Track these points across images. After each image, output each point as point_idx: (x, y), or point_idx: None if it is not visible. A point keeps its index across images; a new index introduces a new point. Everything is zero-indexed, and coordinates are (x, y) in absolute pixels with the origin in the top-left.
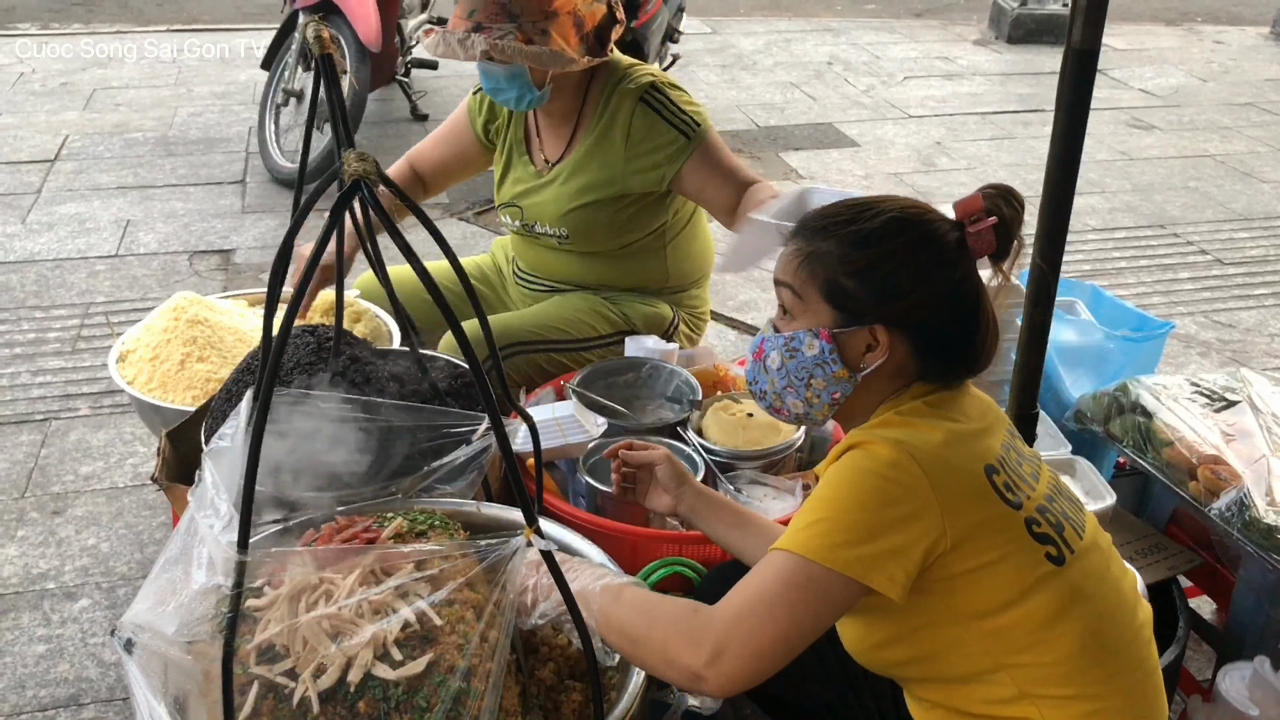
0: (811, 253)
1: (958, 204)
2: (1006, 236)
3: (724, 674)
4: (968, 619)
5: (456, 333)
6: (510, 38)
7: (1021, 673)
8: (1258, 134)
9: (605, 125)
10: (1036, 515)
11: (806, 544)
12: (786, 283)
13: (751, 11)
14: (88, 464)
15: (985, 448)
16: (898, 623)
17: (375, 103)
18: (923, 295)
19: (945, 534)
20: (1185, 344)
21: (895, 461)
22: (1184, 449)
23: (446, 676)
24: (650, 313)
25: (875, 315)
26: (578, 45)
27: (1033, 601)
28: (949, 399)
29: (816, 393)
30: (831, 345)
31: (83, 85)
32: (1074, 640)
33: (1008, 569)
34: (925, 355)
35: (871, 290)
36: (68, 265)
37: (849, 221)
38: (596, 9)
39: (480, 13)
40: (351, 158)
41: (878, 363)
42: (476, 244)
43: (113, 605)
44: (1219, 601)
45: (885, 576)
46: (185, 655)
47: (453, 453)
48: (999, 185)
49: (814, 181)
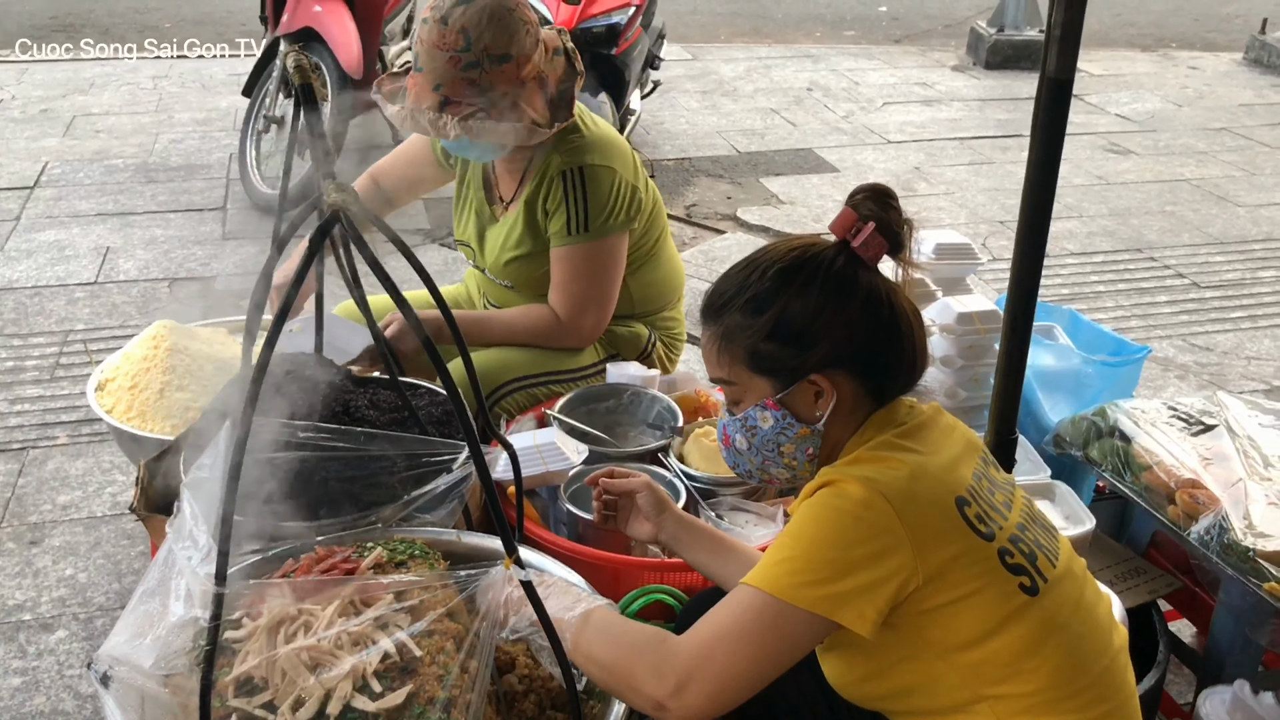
0: (723, 334)
1: (832, 224)
2: (891, 233)
3: (687, 705)
4: (944, 653)
5: (439, 368)
6: (481, 116)
7: (1000, 704)
8: (1232, 158)
9: (539, 178)
10: (1009, 545)
11: (775, 581)
12: (719, 376)
13: (732, 38)
14: (65, 493)
15: (956, 479)
16: (876, 658)
17: (356, 129)
18: (838, 329)
19: (917, 570)
20: (1163, 367)
21: (866, 500)
22: (1162, 473)
23: (426, 708)
24: (628, 333)
25: (806, 367)
26: (545, 112)
27: (1009, 633)
28: (917, 429)
29: (792, 457)
30: (781, 411)
31: (63, 112)
32: (1051, 669)
33: (982, 602)
34: (870, 379)
35: (791, 346)
36: (46, 293)
37: (741, 291)
38: (557, 63)
39: (446, 87)
40: (331, 188)
41: (830, 406)
42: (458, 271)
43: (90, 636)
44: (1199, 625)
45: (854, 613)
46: (162, 689)
47: (433, 481)
48: (863, 188)
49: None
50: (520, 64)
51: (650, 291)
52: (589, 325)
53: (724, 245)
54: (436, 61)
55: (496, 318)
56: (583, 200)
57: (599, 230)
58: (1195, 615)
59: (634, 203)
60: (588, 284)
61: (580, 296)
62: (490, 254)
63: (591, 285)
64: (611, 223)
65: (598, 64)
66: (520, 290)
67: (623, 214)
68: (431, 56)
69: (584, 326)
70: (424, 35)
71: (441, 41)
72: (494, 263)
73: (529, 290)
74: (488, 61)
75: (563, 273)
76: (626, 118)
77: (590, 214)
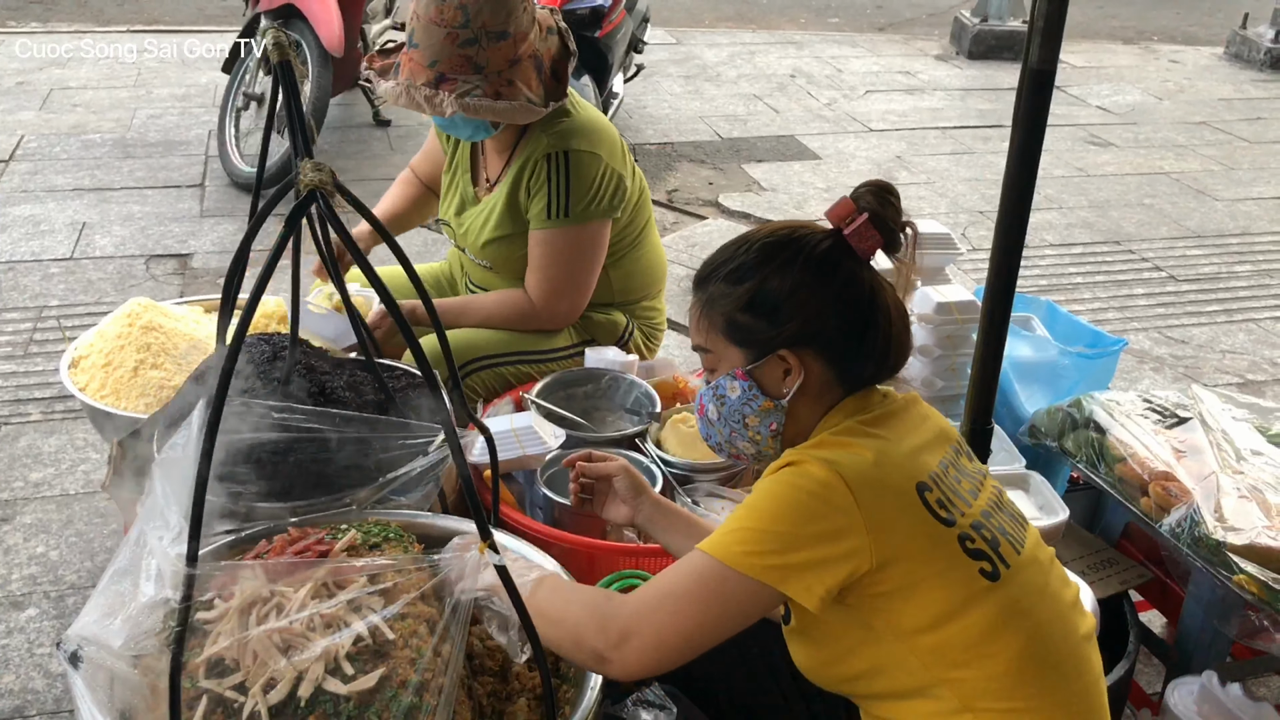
0: (705, 301)
1: (828, 211)
2: (887, 228)
3: (627, 659)
4: (904, 635)
5: (417, 354)
6: (478, 93)
7: (962, 686)
8: (1211, 152)
9: (524, 159)
10: (971, 532)
11: (726, 549)
12: (698, 343)
13: (716, 23)
14: (38, 470)
15: (919, 465)
16: (839, 641)
17: (337, 107)
18: (811, 309)
19: (871, 553)
20: (1139, 359)
21: (825, 481)
22: (1136, 465)
23: (399, 691)
24: (605, 320)
25: (777, 341)
26: (540, 90)
27: (969, 617)
28: (887, 417)
29: (756, 430)
30: (749, 383)
31: (40, 85)
32: (1013, 654)
33: (940, 586)
34: (839, 363)
35: (764, 319)
36: (21, 268)
37: (727, 261)
38: (551, 42)
39: (443, 63)
40: (308, 167)
41: (796, 384)
42: (439, 251)
43: (61, 615)
44: (1169, 616)
45: (802, 586)
46: (132, 669)
47: (409, 464)
48: (869, 181)
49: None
50: (517, 41)
51: (632, 282)
52: (563, 310)
53: (705, 231)
54: (433, 37)
55: (473, 306)
56: (565, 185)
57: (579, 216)
58: (1165, 606)
59: (618, 191)
60: (564, 269)
61: (556, 281)
62: (470, 235)
63: (568, 270)
64: (593, 209)
65: (581, 46)
66: (499, 272)
67: (605, 201)
68: (428, 32)
69: (558, 311)
70: (420, 11)
71: (439, 17)
72: (473, 243)
73: (508, 272)
74: (485, 38)
75: (540, 256)
76: (609, 101)
77: (572, 199)
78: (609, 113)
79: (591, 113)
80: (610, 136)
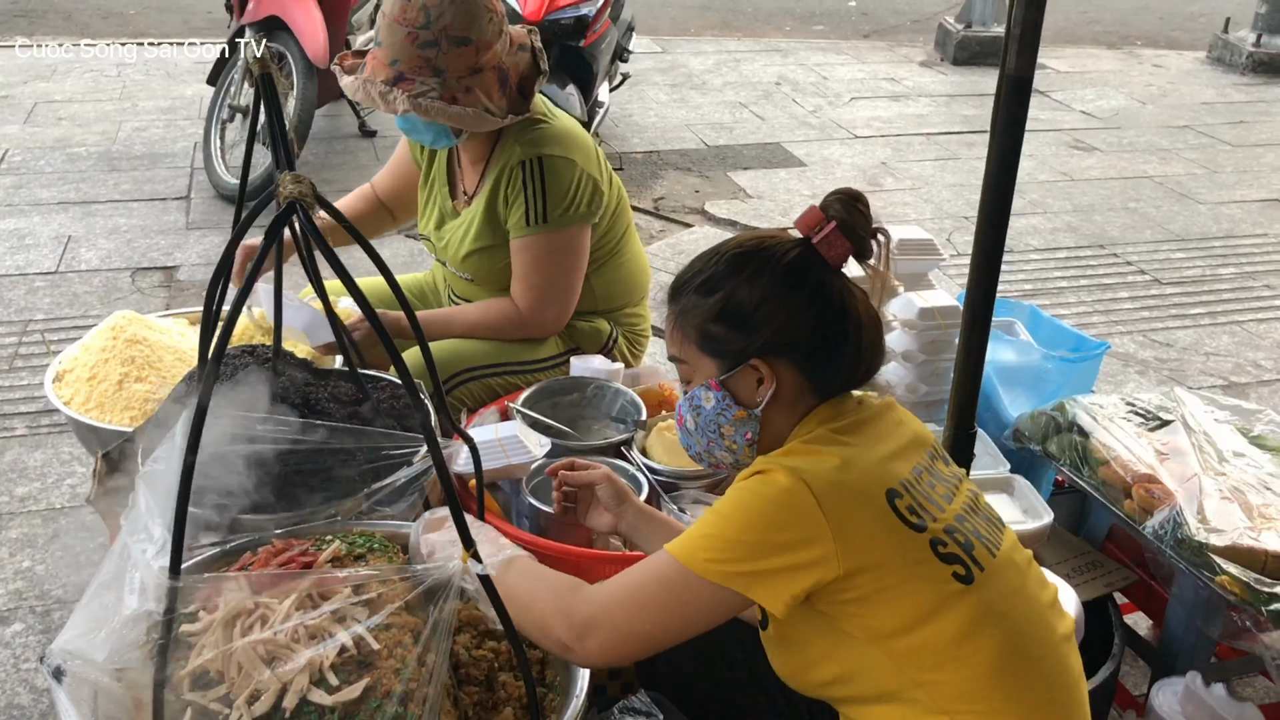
0: (679, 312)
1: (797, 221)
2: (856, 236)
3: (588, 650)
4: (877, 639)
5: (397, 363)
6: (433, 95)
7: (937, 689)
8: (1194, 156)
9: (500, 169)
10: (943, 536)
11: (691, 554)
12: (674, 354)
13: (701, 31)
14: (24, 484)
15: (889, 472)
16: (814, 646)
17: (323, 119)
18: (782, 318)
19: (838, 560)
20: (1124, 362)
21: (790, 489)
22: (1119, 468)
23: (383, 701)
24: (589, 328)
25: (749, 351)
26: (501, 102)
27: (942, 620)
28: (860, 424)
29: (731, 439)
30: (722, 393)
31: (24, 98)
32: (989, 656)
33: (911, 590)
34: (811, 371)
35: (736, 329)
36: (6, 282)
37: (699, 273)
38: (521, 58)
39: (403, 62)
40: (288, 179)
41: (769, 393)
42: (423, 263)
43: (47, 629)
44: (1153, 618)
45: (768, 592)
46: (115, 683)
47: (393, 475)
48: (838, 190)
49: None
50: (480, 50)
51: (614, 289)
52: (551, 316)
53: (691, 239)
54: (395, 36)
55: (459, 317)
56: (541, 191)
57: (558, 221)
58: (1150, 608)
59: (595, 196)
60: (548, 275)
61: (541, 288)
62: (450, 248)
63: (552, 276)
64: (571, 214)
65: (566, 56)
66: (481, 284)
67: (583, 206)
68: (391, 31)
69: (546, 318)
70: (387, 9)
71: (402, 17)
72: (454, 256)
73: (490, 283)
74: (445, 42)
75: (523, 264)
76: (595, 110)
77: (549, 204)
78: (594, 122)
79: (566, 121)
80: (584, 143)
